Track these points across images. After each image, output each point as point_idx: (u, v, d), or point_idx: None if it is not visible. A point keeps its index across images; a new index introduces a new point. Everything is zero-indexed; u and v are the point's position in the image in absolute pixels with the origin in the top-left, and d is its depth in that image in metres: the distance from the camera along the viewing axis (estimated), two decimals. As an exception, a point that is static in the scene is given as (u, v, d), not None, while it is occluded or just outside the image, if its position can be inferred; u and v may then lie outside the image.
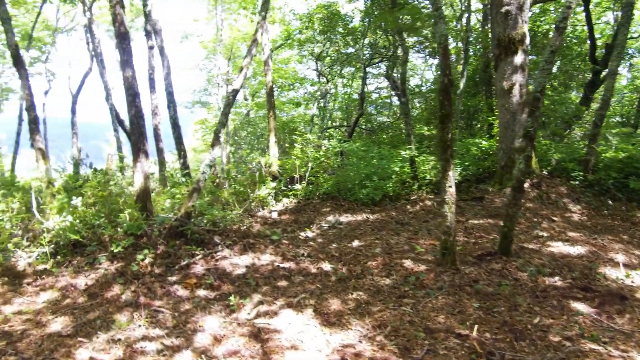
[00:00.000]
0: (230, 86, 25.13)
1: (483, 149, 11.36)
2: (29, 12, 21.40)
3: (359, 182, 9.72)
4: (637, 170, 9.29)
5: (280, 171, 11.34)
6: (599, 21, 17.53)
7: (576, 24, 16.17)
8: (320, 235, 7.28)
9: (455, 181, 10.44)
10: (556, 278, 5.73)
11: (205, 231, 6.26)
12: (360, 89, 16.39)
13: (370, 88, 21.40)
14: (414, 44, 16.93)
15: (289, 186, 9.74)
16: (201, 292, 5.09)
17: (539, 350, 4.01)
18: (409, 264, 5.86)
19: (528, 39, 9.73)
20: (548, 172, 10.01)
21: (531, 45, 13.27)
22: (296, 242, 6.83)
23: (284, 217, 8.36)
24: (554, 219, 8.53)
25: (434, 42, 16.94)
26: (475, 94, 16.64)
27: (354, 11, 16.61)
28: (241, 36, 24.69)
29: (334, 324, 4.35)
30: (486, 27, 16.08)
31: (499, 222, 8.26)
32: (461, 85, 14.33)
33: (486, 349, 3.96)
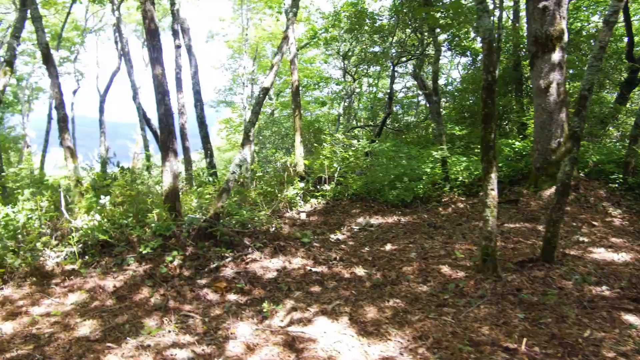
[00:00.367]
0: (256, 85, 25.15)
1: (516, 149, 10.97)
2: (59, 13, 21.70)
3: (388, 183, 9.46)
4: (681, 173, 8.83)
5: (308, 171, 11.15)
6: (636, 17, 16.88)
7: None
8: (351, 238, 7.06)
9: (488, 183, 10.17)
10: (603, 287, 5.39)
11: (235, 233, 6.10)
12: (389, 88, 16.09)
13: (396, 87, 21.09)
14: (441, 42, 16.58)
15: (317, 187, 9.54)
16: (232, 297, 4.91)
17: (594, 367, 3.72)
18: (446, 270, 5.59)
19: (566, 36, 9.34)
20: (585, 175, 9.60)
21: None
22: (327, 245, 6.62)
23: (312, 218, 8.17)
24: (594, 223, 8.14)
25: (465, 39, 16.58)
26: (505, 93, 16.19)
27: (381, 9, 16.33)
28: (266, 35, 24.62)
29: (372, 334, 4.12)
30: (517, 25, 15.63)
31: (536, 226, 7.93)
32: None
33: (537, 364, 3.69)
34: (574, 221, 8.02)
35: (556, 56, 9.17)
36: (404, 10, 13.86)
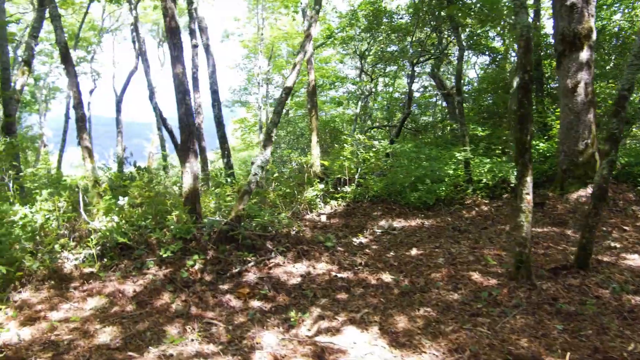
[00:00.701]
0: (271, 85, 24.99)
1: (540, 151, 10.68)
2: (76, 13, 21.79)
3: (409, 184, 9.24)
4: None
5: (327, 172, 10.95)
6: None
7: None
8: (375, 242, 6.85)
9: (512, 185, 9.89)
10: (643, 296, 5.13)
11: (257, 236, 5.92)
12: (408, 88, 15.84)
13: (413, 87, 20.77)
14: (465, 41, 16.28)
15: (337, 188, 9.34)
16: (255, 303, 4.74)
17: (644, 385, 3.48)
18: (477, 277, 5.36)
19: (595, 34, 9.05)
20: (613, 177, 9.29)
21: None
22: (351, 249, 6.42)
23: (333, 220, 7.98)
24: (624, 228, 7.85)
25: (484, 37, 16.27)
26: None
27: (399, 8, 16.07)
28: (282, 35, 24.48)
29: (405, 345, 3.91)
30: (537, 23, 15.29)
31: (565, 231, 7.67)
32: (514, 84, 13.58)
33: (583, 381, 3.45)
34: (604, 226, 7.74)
35: (584, 55, 8.89)
36: (424, 9, 13.60)
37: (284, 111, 25.23)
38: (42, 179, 9.69)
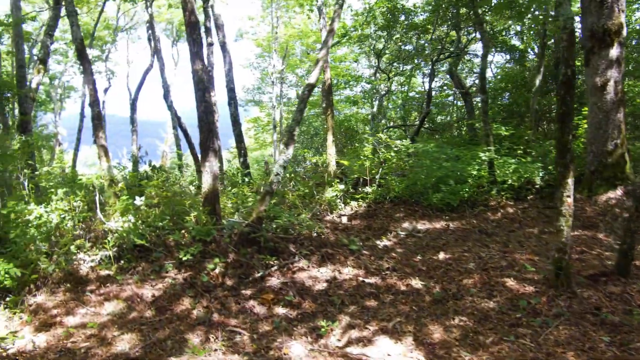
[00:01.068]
0: (284, 84, 24.77)
1: (566, 151, 10.30)
2: (91, 12, 21.75)
3: (431, 185, 8.95)
4: None
5: (345, 172, 10.69)
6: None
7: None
8: (400, 245, 6.59)
9: (537, 186, 9.57)
10: (690, 306, 4.81)
11: (279, 239, 5.68)
12: (428, 86, 15.53)
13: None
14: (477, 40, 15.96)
15: (358, 189, 9.08)
16: (280, 310, 4.50)
17: None
18: (511, 283, 5.08)
19: (625, 30, 8.70)
20: (647, 178, 8.93)
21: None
22: (376, 252, 6.16)
23: (354, 222, 7.72)
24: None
25: (501, 34, 15.90)
26: (546, 92, 15.46)
27: (415, 5, 15.77)
28: (296, 33, 24.25)
29: (443, 358, 3.65)
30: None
31: (596, 234, 7.34)
32: (537, 82, 13.25)
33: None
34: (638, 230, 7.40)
35: (614, 52, 8.55)
36: (443, 6, 13.28)
37: (298, 110, 24.99)
38: (57, 177, 9.55)
